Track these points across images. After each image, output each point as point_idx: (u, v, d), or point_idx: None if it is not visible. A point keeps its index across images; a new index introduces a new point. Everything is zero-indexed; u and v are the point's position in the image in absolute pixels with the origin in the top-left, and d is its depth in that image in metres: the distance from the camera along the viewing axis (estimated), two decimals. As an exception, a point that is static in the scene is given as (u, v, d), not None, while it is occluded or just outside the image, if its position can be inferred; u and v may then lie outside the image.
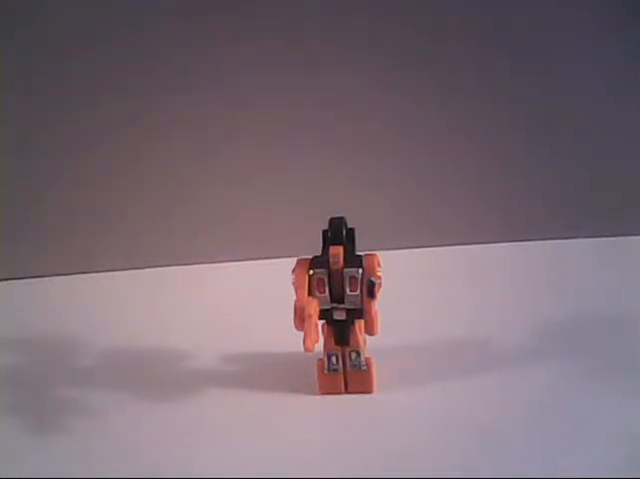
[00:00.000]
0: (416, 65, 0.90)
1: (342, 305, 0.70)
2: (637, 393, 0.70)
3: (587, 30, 0.89)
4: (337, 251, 0.70)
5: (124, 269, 0.92)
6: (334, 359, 0.72)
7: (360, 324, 0.71)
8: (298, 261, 0.71)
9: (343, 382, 0.72)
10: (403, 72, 0.90)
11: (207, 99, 0.90)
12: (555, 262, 0.89)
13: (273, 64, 0.89)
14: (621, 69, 0.90)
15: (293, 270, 0.70)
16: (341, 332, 0.71)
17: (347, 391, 0.72)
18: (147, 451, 0.68)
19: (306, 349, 0.66)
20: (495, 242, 0.92)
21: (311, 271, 0.70)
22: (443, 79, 0.90)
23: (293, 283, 0.70)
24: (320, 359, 0.72)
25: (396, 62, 0.90)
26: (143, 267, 0.92)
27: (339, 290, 0.70)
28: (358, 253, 0.71)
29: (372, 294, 0.69)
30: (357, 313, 0.70)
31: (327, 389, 0.72)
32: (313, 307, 0.68)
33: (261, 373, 0.75)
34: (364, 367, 0.72)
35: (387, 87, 0.90)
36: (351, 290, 0.70)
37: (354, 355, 0.71)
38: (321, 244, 0.71)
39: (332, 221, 0.71)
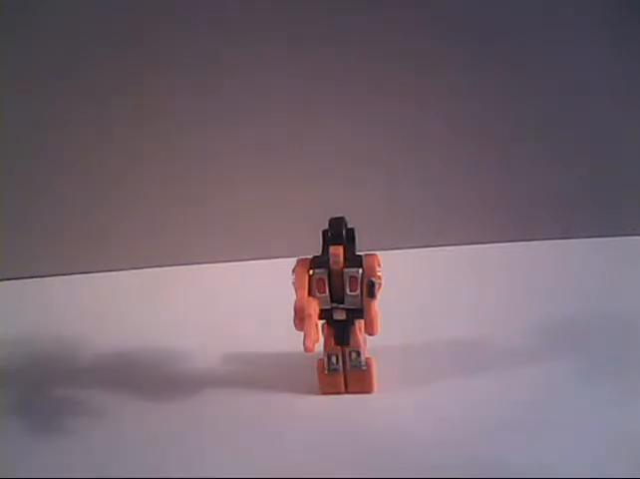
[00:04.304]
0: (416, 65, 0.90)
1: (342, 305, 0.70)
2: (637, 393, 0.70)
3: (588, 30, 0.89)
4: (337, 251, 0.70)
5: (124, 269, 0.92)
6: (334, 359, 0.72)
7: (360, 324, 0.71)
8: (298, 261, 0.71)
9: (343, 382, 0.72)
10: (403, 72, 0.90)
11: (207, 100, 0.90)
12: (555, 262, 0.89)
13: (273, 65, 0.89)
14: (621, 69, 0.90)
15: (293, 270, 0.70)
16: (341, 332, 0.71)
17: (347, 391, 0.72)
18: (147, 451, 0.68)
19: (306, 349, 0.66)
20: (495, 242, 0.92)
21: (311, 271, 0.70)
22: (443, 79, 0.90)
23: (293, 283, 0.70)
24: (320, 359, 0.72)
25: (396, 62, 0.90)
26: (143, 267, 0.92)
27: (339, 290, 0.70)
28: (358, 253, 0.71)
29: (372, 294, 0.69)
30: (357, 313, 0.70)
31: (327, 389, 0.72)
32: (313, 307, 0.68)
33: (261, 373, 0.75)
34: (364, 367, 0.72)
35: (387, 87, 0.90)
36: (351, 290, 0.70)
37: (354, 355, 0.71)
38: (321, 244, 0.71)
39: (332, 221, 0.71)
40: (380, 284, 0.70)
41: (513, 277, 0.87)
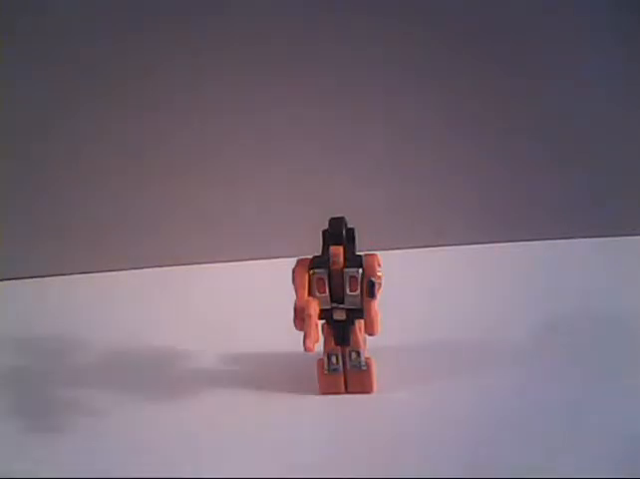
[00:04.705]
0: (416, 64, 0.90)
1: (342, 305, 0.70)
2: (637, 393, 0.70)
3: (588, 31, 0.89)
4: (337, 251, 0.70)
5: (124, 269, 0.92)
6: (334, 359, 0.72)
7: (360, 324, 0.71)
8: (298, 261, 0.71)
9: (343, 382, 0.72)
10: (403, 71, 0.90)
11: (207, 99, 0.90)
12: (555, 262, 0.89)
13: (273, 63, 0.89)
14: (621, 69, 0.90)
15: (293, 270, 0.70)
16: (341, 332, 0.71)
17: (347, 391, 0.72)
18: (147, 451, 0.68)
19: (306, 349, 0.66)
20: (495, 242, 0.92)
21: (311, 271, 0.70)
22: (443, 79, 0.90)
23: (293, 283, 0.70)
24: (320, 359, 0.72)
25: (396, 61, 0.90)
26: (143, 267, 0.92)
27: (339, 290, 0.70)
28: (358, 253, 0.71)
29: (372, 294, 0.69)
30: (357, 313, 0.70)
31: (327, 389, 0.72)
32: (313, 307, 0.68)
33: (261, 373, 0.75)
34: (364, 367, 0.72)
35: (387, 86, 0.90)
36: (351, 290, 0.70)
37: (354, 355, 0.71)
38: (321, 244, 0.71)
39: (332, 221, 0.71)
40: (380, 284, 0.70)
41: (513, 277, 0.87)
